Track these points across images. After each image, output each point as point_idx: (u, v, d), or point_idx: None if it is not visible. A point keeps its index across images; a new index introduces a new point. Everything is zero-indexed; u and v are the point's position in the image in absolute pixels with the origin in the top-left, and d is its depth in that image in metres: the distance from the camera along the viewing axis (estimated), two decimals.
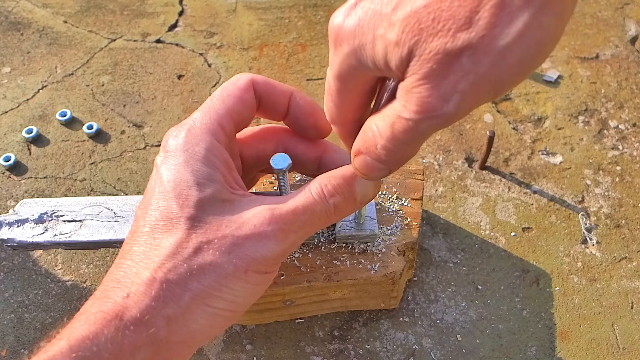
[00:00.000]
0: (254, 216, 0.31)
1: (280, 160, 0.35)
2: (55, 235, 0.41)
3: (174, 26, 0.65)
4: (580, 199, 0.51)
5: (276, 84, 0.36)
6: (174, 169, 0.32)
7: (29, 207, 0.43)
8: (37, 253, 0.48)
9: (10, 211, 0.43)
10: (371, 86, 0.29)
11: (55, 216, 0.42)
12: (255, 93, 0.35)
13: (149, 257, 0.30)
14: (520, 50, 0.22)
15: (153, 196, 0.32)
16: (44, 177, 0.53)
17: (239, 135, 0.37)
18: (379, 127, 0.27)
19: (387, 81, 0.28)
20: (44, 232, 0.41)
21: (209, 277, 0.30)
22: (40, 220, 0.42)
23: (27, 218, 0.42)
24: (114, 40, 0.64)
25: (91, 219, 0.42)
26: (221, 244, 0.30)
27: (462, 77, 0.23)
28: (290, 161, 0.34)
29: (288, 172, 0.35)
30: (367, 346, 0.43)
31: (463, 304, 0.45)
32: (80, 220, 0.42)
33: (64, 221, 0.42)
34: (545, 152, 0.54)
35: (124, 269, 0.30)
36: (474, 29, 0.22)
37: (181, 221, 0.30)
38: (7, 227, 0.42)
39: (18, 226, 0.42)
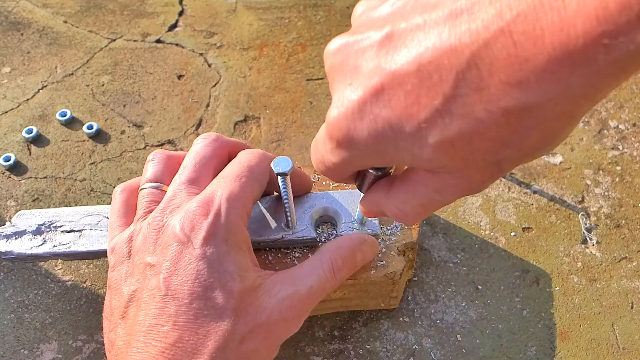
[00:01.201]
0: (280, 303, 0.33)
1: (282, 164, 0.34)
2: (54, 246, 0.41)
3: (174, 26, 0.65)
4: (580, 199, 0.51)
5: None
6: (217, 259, 0.32)
7: (26, 219, 0.42)
8: None
9: (7, 223, 0.42)
10: None
11: (53, 227, 0.42)
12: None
13: (199, 350, 0.30)
14: (548, 149, 0.23)
15: (194, 279, 0.31)
16: (44, 177, 0.53)
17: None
18: (410, 210, 0.27)
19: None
20: (42, 244, 0.41)
21: None
22: (38, 231, 0.41)
23: (25, 230, 0.41)
24: (114, 40, 0.64)
25: (90, 229, 0.42)
26: (259, 332, 0.32)
27: (497, 171, 0.23)
28: (293, 164, 0.35)
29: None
30: (367, 346, 0.43)
31: (463, 304, 0.45)
32: (79, 230, 0.41)
33: (62, 232, 0.41)
34: None
35: (170, 356, 0.30)
36: (514, 147, 0.22)
37: (227, 313, 0.31)
38: (5, 239, 0.41)
39: (16, 238, 0.41)
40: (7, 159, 0.53)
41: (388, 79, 0.22)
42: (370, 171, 0.28)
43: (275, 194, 0.42)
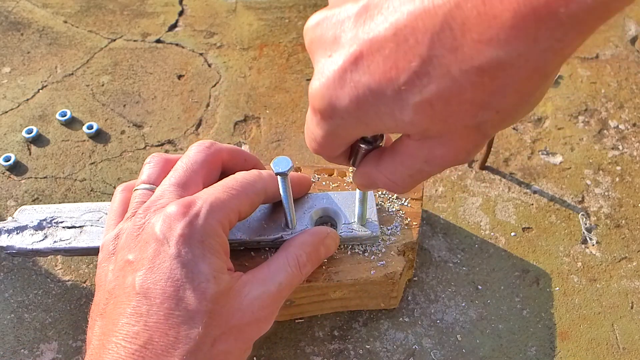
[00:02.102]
0: (251, 303, 0.33)
1: (281, 164, 0.34)
2: (55, 241, 0.41)
3: (174, 26, 0.65)
4: (580, 199, 0.51)
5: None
6: (192, 259, 0.32)
7: (28, 214, 0.42)
8: None
9: (9, 218, 0.43)
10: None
11: (54, 222, 0.42)
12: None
13: (169, 352, 0.30)
14: (524, 112, 0.24)
15: (167, 278, 0.31)
16: (44, 177, 0.53)
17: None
18: (401, 181, 0.28)
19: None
20: (43, 239, 0.41)
21: None
22: (39, 226, 0.42)
23: (27, 225, 0.42)
24: (114, 40, 0.64)
25: (91, 225, 0.42)
26: (231, 334, 0.32)
27: (480, 137, 0.24)
28: (292, 164, 0.34)
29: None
30: (367, 346, 0.43)
31: (463, 304, 0.45)
32: (80, 227, 0.42)
33: (63, 227, 0.42)
34: (545, 152, 0.54)
35: (139, 358, 0.30)
36: (492, 108, 0.22)
37: (199, 316, 0.31)
38: (6, 234, 0.41)
39: (17, 233, 0.41)
40: (7, 159, 0.53)
41: (366, 46, 0.22)
42: (361, 145, 0.29)
43: None
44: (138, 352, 0.30)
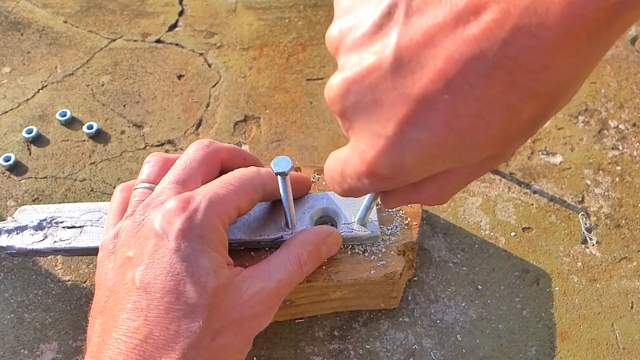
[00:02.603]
0: (251, 298, 0.33)
1: (281, 164, 0.34)
2: (55, 242, 0.41)
3: (174, 26, 0.65)
4: (580, 199, 0.51)
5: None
6: (192, 254, 0.32)
7: (28, 214, 0.42)
8: None
9: (9, 218, 0.43)
10: None
11: (54, 222, 0.42)
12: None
13: (170, 346, 0.30)
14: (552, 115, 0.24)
15: (167, 272, 0.31)
16: (44, 177, 0.53)
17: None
18: (442, 197, 0.28)
19: None
20: (43, 239, 0.41)
21: (222, 358, 0.32)
22: (39, 227, 0.42)
23: (27, 225, 0.42)
24: (114, 40, 0.64)
25: (91, 225, 0.42)
26: (230, 328, 0.32)
27: (490, 165, 0.26)
28: (293, 164, 0.35)
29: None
30: (367, 346, 0.43)
31: (463, 304, 0.45)
32: (80, 227, 0.42)
33: (63, 227, 0.42)
34: (545, 152, 0.54)
35: (140, 353, 0.30)
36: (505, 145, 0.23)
37: (199, 309, 0.31)
38: (6, 234, 0.41)
39: (17, 233, 0.42)
40: (7, 159, 0.53)
41: (418, 104, 0.21)
42: None
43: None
44: (139, 347, 0.30)
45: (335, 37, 0.23)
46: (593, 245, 0.49)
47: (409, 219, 0.42)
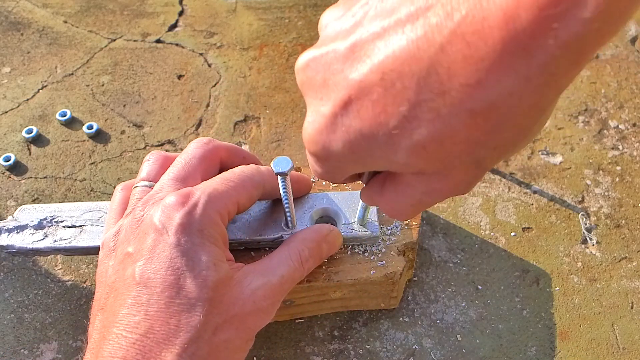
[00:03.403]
0: (253, 293, 0.33)
1: (281, 164, 0.34)
2: (55, 241, 0.41)
3: (174, 26, 0.65)
4: (580, 199, 0.51)
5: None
6: (192, 248, 0.32)
7: (28, 213, 0.42)
8: None
9: (9, 217, 0.43)
10: None
11: (55, 222, 0.42)
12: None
13: (170, 341, 0.30)
14: (517, 150, 0.23)
15: (167, 267, 0.31)
16: (44, 177, 0.53)
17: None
18: (402, 210, 0.28)
19: None
20: (43, 238, 0.41)
21: (223, 354, 0.32)
22: (39, 226, 0.42)
23: (27, 224, 0.42)
24: (114, 40, 0.64)
25: (91, 225, 0.42)
26: (232, 323, 0.32)
27: (480, 172, 0.24)
28: (293, 164, 0.35)
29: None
30: (367, 346, 0.43)
31: (463, 304, 0.45)
32: (80, 226, 0.42)
33: (63, 227, 0.42)
34: (545, 152, 0.54)
35: (140, 347, 0.30)
36: (489, 147, 0.22)
37: (200, 303, 0.31)
38: (7, 233, 0.42)
39: (17, 232, 0.42)
40: (7, 159, 0.53)
41: (355, 91, 0.22)
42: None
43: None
44: (139, 342, 0.29)
45: (323, 23, 0.25)
46: (593, 245, 0.49)
47: (409, 219, 0.42)
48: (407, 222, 0.42)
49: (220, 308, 0.32)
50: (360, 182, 0.30)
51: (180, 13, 0.67)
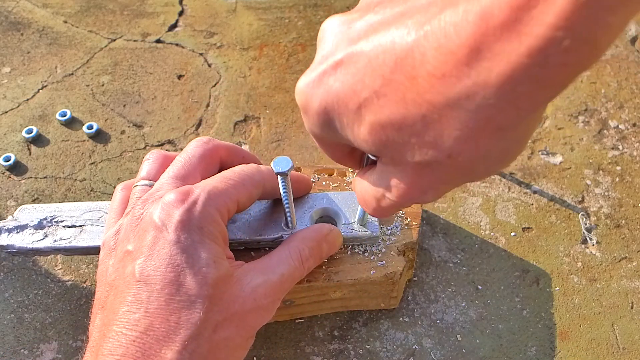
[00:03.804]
0: (253, 290, 0.33)
1: (282, 164, 0.34)
2: (55, 241, 0.41)
3: (174, 26, 0.65)
4: (580, 199, 0.51)
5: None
6: (191, 245, 0.32)
7: (28, 213, 0.42)
8: None
9: (9, 217, 0.43)
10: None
11: (55, 222, 0.42)
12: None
13: (170, 338, 0.30)
14: (483, 167, 0.22)
15: (167, 264, 0.31)
16: (44, 177, 0.53)
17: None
18: (368, 200, 0.28)
19: None
20: (43, 238, 0.41)
21: (224, 352, 0.32)
22: (39, 226, 0.42)
23: (27, 224, 0.42)
24: (114, 40, 0.64)
25: (91, 224, 0.42)
26: (232, 320, 0.32)
27: (437, 178, 0.24)
28: (293, 164, 0.35)
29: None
30: (367, 346, 0.43)
31: (463, 304, 0.45)
32: (80, 226, 0.42)
33: (63, 227, 0.42)
34: (545, 152, 0.54)
35: (140, 345, 0.30)
36: (441, 149, 0.22)
37: (200, 300, 0.31)
38: (7, 233, 0.42)
39: (17, 232, 0.42)
40: (7, 159, 0.53)
41: (348, 55, 0.23)
42: (366, 154, 0.29)
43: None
44: (139, 339, 0.29)
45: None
46: (593, 245, 0.49)
47: (409, 219, 0.42)
48: (407, 222, 0.42)
49: (221, 305, 0.32)
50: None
51: (180, 13, 0.67)
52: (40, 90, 0.59)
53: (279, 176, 0.35)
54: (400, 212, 0.43)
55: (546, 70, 0.18)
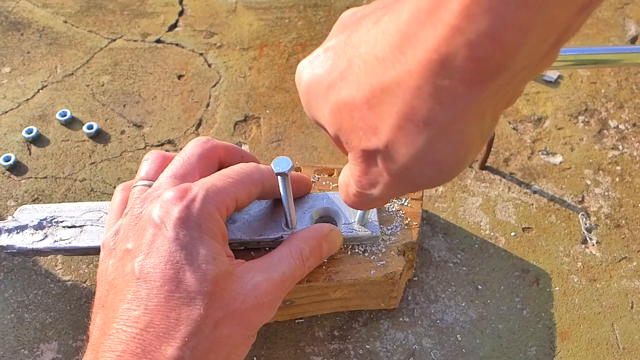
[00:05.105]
0: (254, 288, 0.33)
1: (281, 164, 0.34)
2: (55, 241, 0.41)
3: (174, 26, 0.65)
4: (580, 199, 0.51)
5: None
6: (191, 242, 0.32)
7: (28, 213, 0.42)
8: None
9: (9, 217, 0.43)
10: None
11: (55, 222, 0.42)
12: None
13: (171, 334, 0.30)
14: (419, 167, 0.22)
15: (166, 261, 0.31)
16: (44, 177, 0.53)
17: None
18: (341, 189, 0.29)
19: None
20: (43, 238, 0.41)
21: (225, 349, 0.31)
22: (39, 226, 0.42)
23: (27, 224, 0.42)
24: (114, 40, 0.64)
25: (91, 225, 0.42)
26: (233, 317, 0.32)
27: (380, 171, 0.24)
28: (293, 164, 0.35)
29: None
30: (367, 346, 0.43)
31: (463, 304, 0.45)
32: (80, 226, 0.42)
33: (63, 227, 0.42)
34: (545, 152, 0.54)
35: (140, 342, 0.30)
36: (380, 137, 0.22)
37: (200, 297, 0.31)
38: (7, 233, 0.41)
39: (17, 233, 0.41)
40: (7, 159, 0.53)
41: (336, 41, 0.24)
42: None
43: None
44: (139, 336, 0.29)
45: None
46: (593, 245, 0.49)
47: (409, 219, 0.42)
48: (407, 222, 0.42)
49: (221, 302, 0.31)
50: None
51: (180, 13, 0.67)
52: (40, 90, 0.59)
53: (279, 176, 0.35)
54: (400, 212, 0.43)
55: (458, 63, 0.18)
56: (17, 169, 0.53)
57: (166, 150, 0.55)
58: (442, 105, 0.20)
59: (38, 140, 0.55)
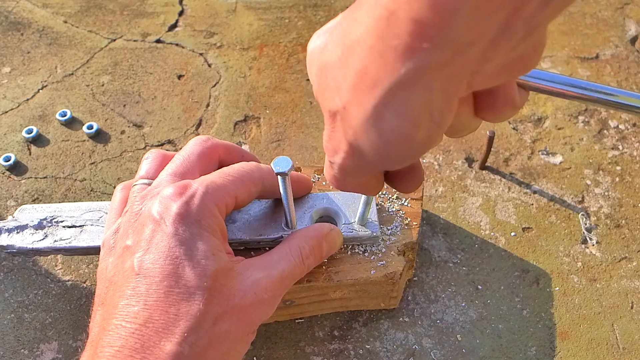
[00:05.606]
0: (254, 284, 0.33)
1: (282, 164, 0.34)
2: (55, 241, 0.41)
3: (174, 26, 0.65)
4: (580, 199, 0.51)
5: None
6: (190, 237, 0.32)
7: (29, 213, 0.42)
8: None
9: (10, 217, 0.43)
10: None
11: (55, 222, 0.42)
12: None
13: (170, 330, 0.30)
14: (367, 134, 0.23)
15: (165, 257, 0.31)
16: (44, 177, 0.53)
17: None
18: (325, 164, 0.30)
19: None
20: (43, 238, 0.41)
21: (224, 345, 0.31)
22: (40, 226, 0.42)
23: (27, 224, 0.42)
24: (114, 40, 0.64)
25: (91, 225, 0.42)
26: (232, 313, 0.32)
27: (340, 137, 0.25)
28: (293, 164, 0.35)
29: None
30: (367, 346, 0.43)
31: (463, 304, 0.45)
32: (80, 226, 0.42)
33: (64, 227, 0.42)
34: (545, 152, 0.54)
35: (139, 337, 0.29)
36: (340, 97, 0.23)
37: (199, 292, 0.31)
38: (7, 233, 0.41)
39: (17, 232, 0.41)
40: (7, 159, 0.53)
41: (332, 26, 0.26)
42: None
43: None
44: (138, 331, 0.29)
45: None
46: (593, 245, 0.49)
47: (409, 219, 0.42)
48: (407, 222, 0.42)
49: (221, 298, 0.31)
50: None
51: (180, 13, 0.67)
52: (40, 90, 0.59)
53: (279, 176, 0.35)
54: (401, 212, 0.43)
55: (401, 22, 0.19)
56: (17, 169, 0.53)
57: (166, 150, 0.55)
58: (387, 66, 0.21)
59: (38, 140, 0.55)
